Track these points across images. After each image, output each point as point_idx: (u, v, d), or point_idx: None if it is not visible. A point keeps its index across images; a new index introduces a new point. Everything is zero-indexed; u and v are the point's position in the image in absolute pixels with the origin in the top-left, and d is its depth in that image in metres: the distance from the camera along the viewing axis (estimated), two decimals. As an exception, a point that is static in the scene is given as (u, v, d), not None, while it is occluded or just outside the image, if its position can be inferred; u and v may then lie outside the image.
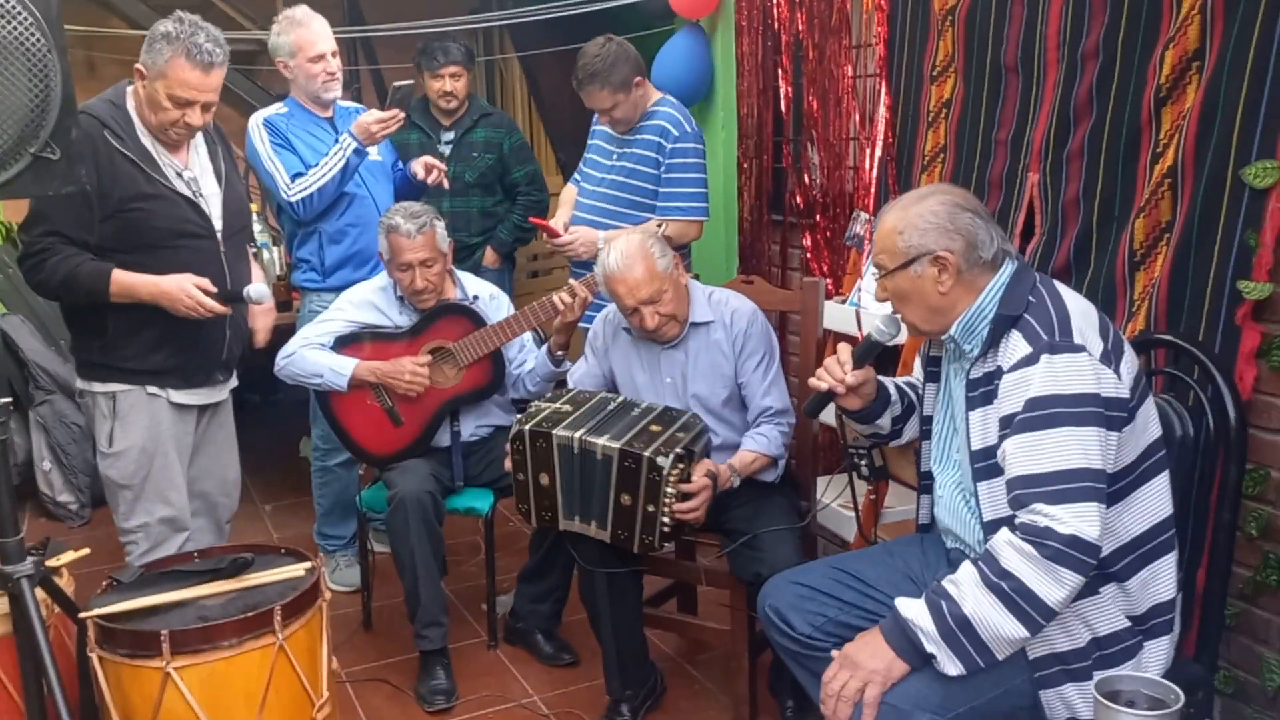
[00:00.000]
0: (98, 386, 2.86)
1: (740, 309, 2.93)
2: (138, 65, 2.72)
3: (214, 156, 2.95)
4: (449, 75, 4.22)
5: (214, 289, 2.77)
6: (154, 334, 2.81)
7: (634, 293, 2.79)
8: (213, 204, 2.89)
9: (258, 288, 2.88)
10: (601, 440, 2.62)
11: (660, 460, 2.55)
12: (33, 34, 2.03)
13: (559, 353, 3.24)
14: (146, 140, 2.78)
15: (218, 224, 2.88)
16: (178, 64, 2.66)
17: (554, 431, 2.69)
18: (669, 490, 2.58)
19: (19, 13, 2.01)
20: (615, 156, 3.60)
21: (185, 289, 2.72)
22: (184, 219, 2.81)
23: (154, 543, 2.92)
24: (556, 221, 3.69)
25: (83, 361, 2.89)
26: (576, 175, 3.81)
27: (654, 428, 2.67)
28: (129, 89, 2.80)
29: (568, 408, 2.80)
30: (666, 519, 2.62)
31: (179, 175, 2.82)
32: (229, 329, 2.95)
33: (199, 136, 2.92)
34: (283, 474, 4.95)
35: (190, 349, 2.87)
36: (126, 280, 2.72)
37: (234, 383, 3.10)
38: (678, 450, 2.59)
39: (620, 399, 2.87)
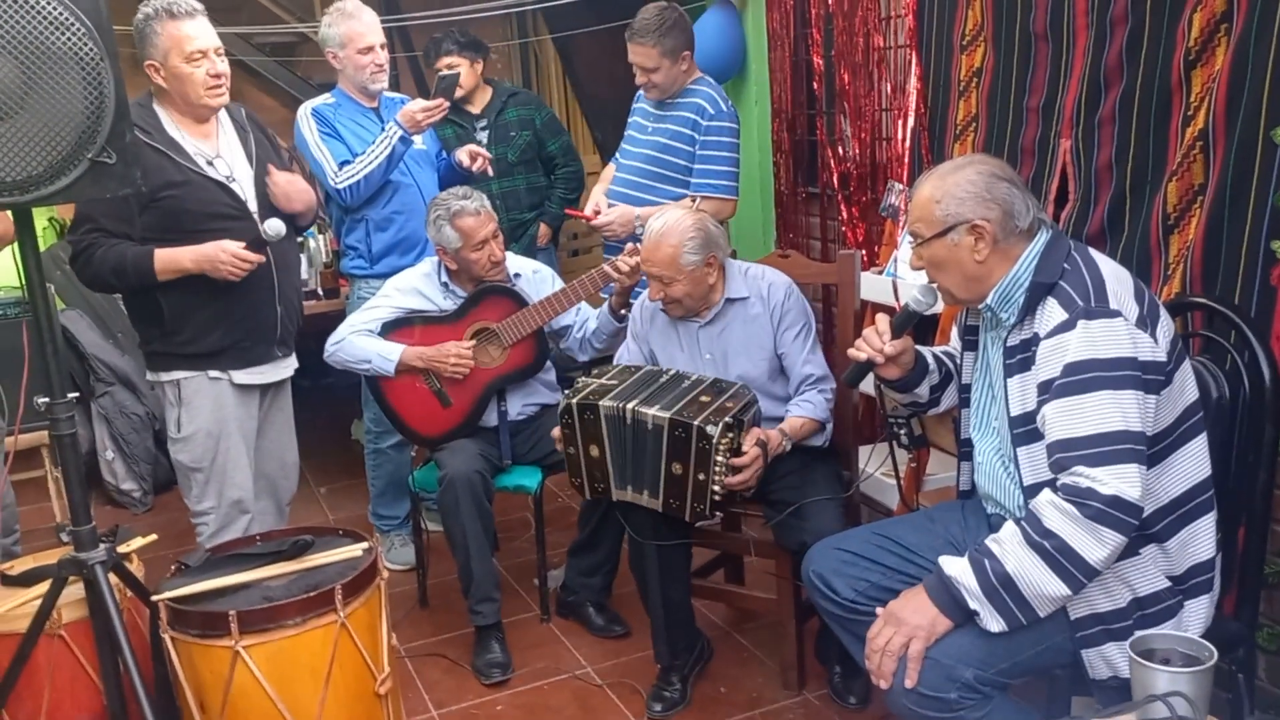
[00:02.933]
0: (164, 376, 3.02)
1: (776, 282, 2.98)
2: (147, 64, 2.88)
3: (244, 141, 3.08)
4: (444, 68, 4.22)
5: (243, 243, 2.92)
6: (208, 314, 2.95)
7: (648, 263, 2.89)
8: (245, 186, 3.02)
9: (272, 223, 2.96)
10: (652, 410, 2.67)
11: (709, 429, 2.60)
12: (86, 44, 2.11)
13: (622, 310, 3.29)
14: (174, 132, 2.92)
15: (251, 205, 3.01)
16: (169, 29, 2.83)
17: (600, 403, 2.75)
18: (719, 459, 2.63)
19: (72, 24, 2.09)
20: (650, 130, 3.66)
21: (220, 246, 2.88)
22: (215, 201, 2.94)
23: (222, 524, 3.07)
24: (591, 198, 3.76)
25: (148, 354, 3.05)
26: (618, 154, 3.87)
27: (704, 398, 2.71)
28: (152, 92, 2.96)
29: (613, 381, 2.86)
30: (718, 486, 2.66)
31: (209, 163, 2.95)
32: (280, 305, 3.08)
33: (226, 123, 3.06)
34: (335, 457, 5.07)
35: (244, 326, 3.01)
36: (168, 254, 2.88)
37: (294, 363, 3.22)
38: (726, 419, 2.63)
39: (671, 371, 2.91)
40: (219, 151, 3.00)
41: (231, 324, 2.99)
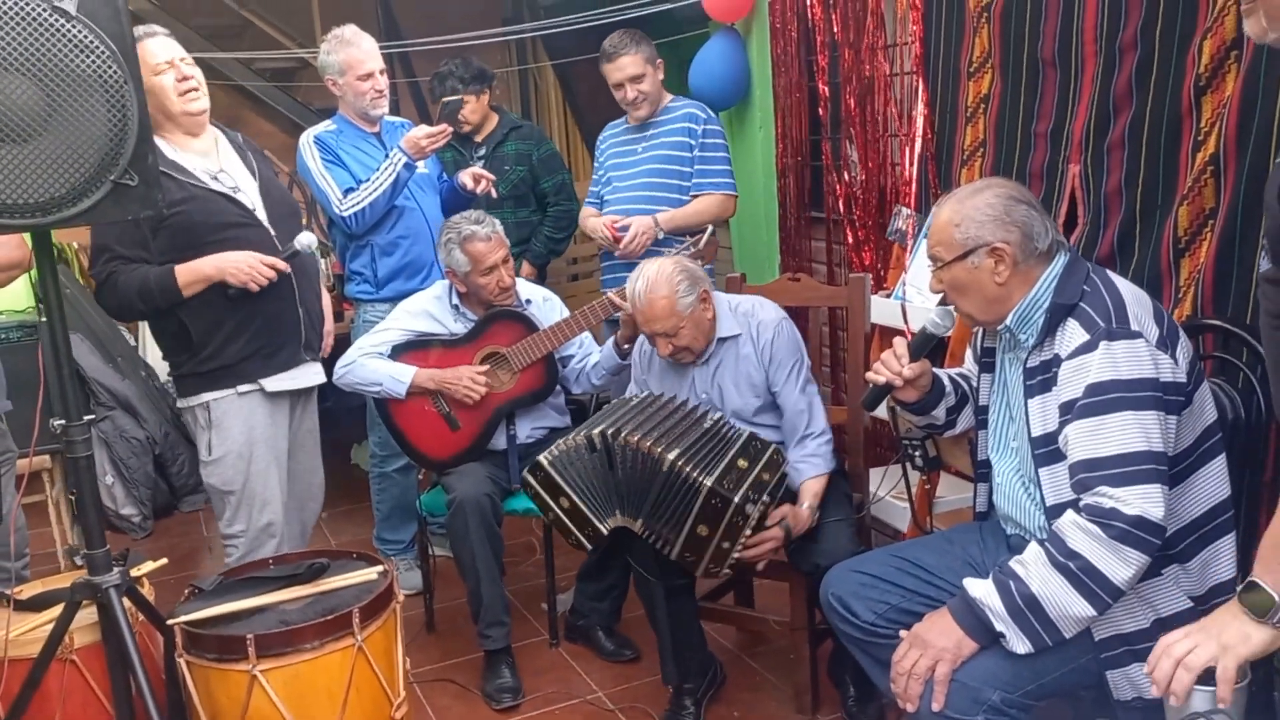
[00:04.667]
0: (194, 400, 3.04)
1: (765, 320, 2.96)
2: None
3: (244, 159, 3.13)
4: None
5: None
6: (231, 325, 2.98)
7: (650, 324, 2.87)
8: (252, 197, 3.05)
9: (305, 236, 3.02)
10: (686, 462, 2.60)
11: (749, 509, 2.60)
12: (110, 66, 2.11)
13: (625, 345, 3.28)
14: (174, 155, 2.95)
15: (261, 213, 3.04)
16: (141, 49, 2.86)
17: (539, 458, 2.79)
18: (747, 532, 2.64)
19: (97, 47, 2.09)
20: (641, 150, 3.79)
21: (244, 253, 2.93)
22: (222, 211, 2.98)
23: (251, 548, 3.07)
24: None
25: (179, 379, 3.06)
26: (591, 198, 3.98)
27: (741, 462, 2.67)
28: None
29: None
30: (737, 554, 2.67)
31: (213, 177, 2.99)
32: (300, 306, 3.10)
33: (224, 143, 3.11)
34: (335, 481, 5.01)
35: (267, 330, 3.03)
36: (189, 267, 2.91)
37: (320, 371, 3.24)
38: (764, 498, 2.65)
39: (658, 399, 2.89)
40: (221, 167, 3.04)
41: (255, 330, 3.01)
